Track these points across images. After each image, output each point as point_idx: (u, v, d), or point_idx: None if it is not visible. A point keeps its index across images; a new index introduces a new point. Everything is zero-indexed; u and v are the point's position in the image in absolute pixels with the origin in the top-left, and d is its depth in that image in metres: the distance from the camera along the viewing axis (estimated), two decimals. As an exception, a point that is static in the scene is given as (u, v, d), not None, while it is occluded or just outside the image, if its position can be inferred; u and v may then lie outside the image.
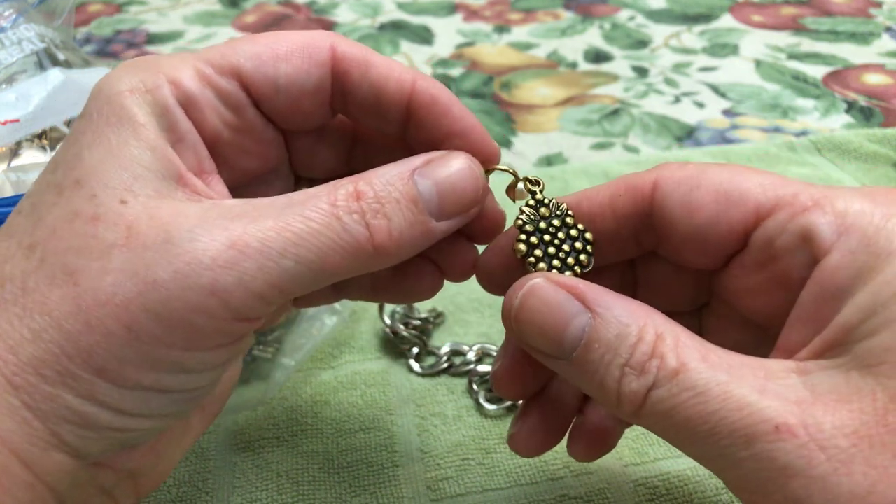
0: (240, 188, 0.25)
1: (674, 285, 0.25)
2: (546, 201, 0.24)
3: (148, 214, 0.19)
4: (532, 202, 0.24)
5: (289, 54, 0.22)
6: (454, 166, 0.22)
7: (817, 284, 0.19)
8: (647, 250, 0.24)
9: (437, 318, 0.40)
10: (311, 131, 0.25)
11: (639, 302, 0.20)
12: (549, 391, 0.27)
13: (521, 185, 0.25)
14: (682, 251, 0.23)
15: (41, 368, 0.18)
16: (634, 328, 0.19)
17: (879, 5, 0.80)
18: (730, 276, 0.23)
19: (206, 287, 0.18)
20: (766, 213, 0.20)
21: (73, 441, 0.18)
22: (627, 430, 0.33)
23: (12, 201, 0.30)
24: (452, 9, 0.84)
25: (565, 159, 0.56)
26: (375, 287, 0.27)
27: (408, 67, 0.23)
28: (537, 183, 0.25)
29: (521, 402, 0.31)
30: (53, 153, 0.41)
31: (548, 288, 0.20)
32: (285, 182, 0.27)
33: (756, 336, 0.23)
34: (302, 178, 0.27)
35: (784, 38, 0.73)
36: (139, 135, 0.20)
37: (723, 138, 0.57)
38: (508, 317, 0.21)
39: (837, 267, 0.19)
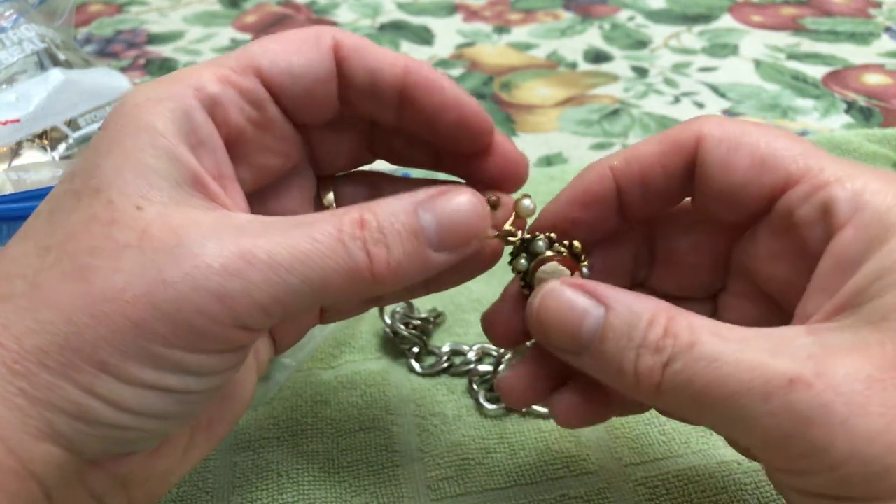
0: (262, 188, 0.25)
1: (692, 263, 0.26)
2: (528, 235, 0.25)
3: (162, 220, 0.20)
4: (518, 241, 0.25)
5: (298, 47, 0.24)
6: (457, 201, 0.23)
7: (832, 257, 0.20)
8: (682, 200, 0.25)
9: (437, 318, 0.40)
10: (328, 126, 0.26)
11: (649, 296, 0.21)
12: None
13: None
14: (713, 205, 0.24)
15: (44, 358, 0.18)
16: (645, 314, 0.20)
17: (879, 5, 0.80)
18: (753, 241, 0.24)
19: (213, 291, 0.19)
20: (792, 183, 0.22)
21: (68, 432, 0.19)
22: (627, 430, 0.33)
23: (13, 199, 0.31)
24: (452, 9, 0.84)
25: (565, 159, 0.56)
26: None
27: (400, 54, 0.25)
28: (513, 234, 0.25)
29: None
30: (54, 153, 0.41)
31: (562, 289, 0.22)
32: (307, 181, 0.28)
33: (772, 314, 0.24)
34: (324, 178, 0.28)
35: (784, 39, 0.73)
36: (156, 142, 0.21)
37: (723, 138, 0.57)
38: (531, 319, 0.23)
39: (851, 240, 0.20)
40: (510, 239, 0.25)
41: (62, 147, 0.42)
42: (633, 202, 0.25)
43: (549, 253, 0.24)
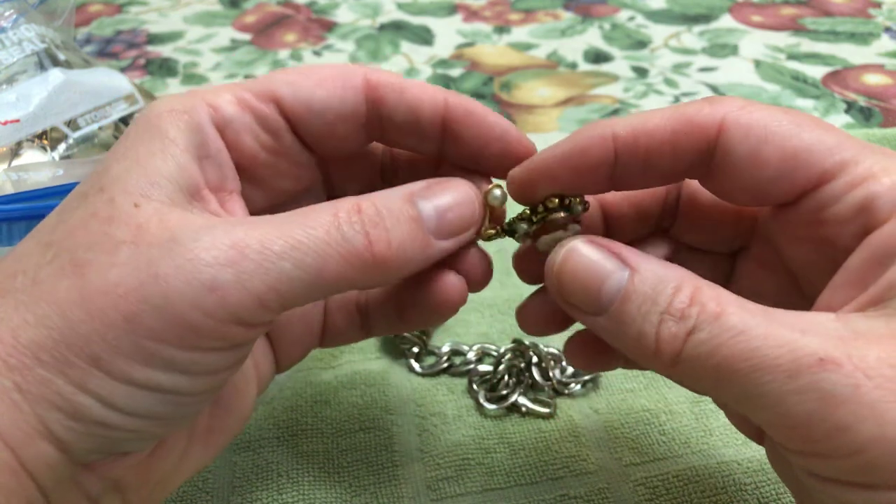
0: (274, 208, 0.25)
1: (715, 220, 0.26)
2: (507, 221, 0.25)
3: (158, 217, 0.20)
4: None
5: (323, 80, 0.24)
6: (453, 190, 0.23)
7: (868, 250, 0.20)
8: (682, 180, 0.24)
9: (437, 318, 0.40)
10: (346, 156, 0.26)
11: (675, 265, 0.21)
12: None
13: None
14: (735, 195, 0.23)
15: (38, 352, 0.18)
16: (672, 281, 0.20)
17: (879, 5, 0.80)
18: (777, 221, 0.23)
19: (205, 283, 0.19)
20: (828, 178, 0.21)
21: (60, 431, 0.19)
22: (627, 430, 0.33)
23: (12, 199, 0.31)
24: (452, 9, 0.84)
25: (565, 159, 0.56)
26: (401, 311, 0.27)
27: (438, 87, 0.24)
28: (493, 229, 0.25)
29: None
30: (54, 153, 0.41)
31: (587, 247, 0.21)
32: (318, 202, 0.27)
33: (790, 287, 0.24)
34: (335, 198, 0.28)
35: (783, 39, 0.73)
36: (166, 148, 0.21)
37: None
38: (550, 275, 0.22)
39: (891, 234, 0.19)
40: (490, 232, 0.25)
41: (62, 147, 0.42)
42: (629, 175, 0.23)
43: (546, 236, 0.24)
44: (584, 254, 0.21)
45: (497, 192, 0.25)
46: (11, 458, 0.18)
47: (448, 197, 0.23)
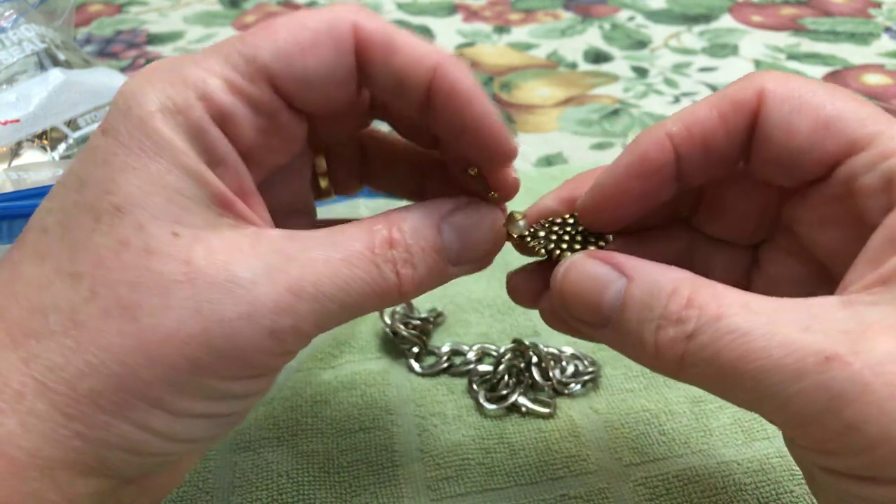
0: (265, 183, 0.24)
1: (738, 212, 0.25)
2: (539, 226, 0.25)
3: (204, 249, 0.19)
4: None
5: (314, 43, 0.21)
6: (478, 219, 0.23)
7: (888, 228, 0.19)
8: (738, 163, 0.24)
9: (437, 318, 0.40)
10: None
11: (675, 267, 0.21)
12: None
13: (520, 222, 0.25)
14: (770, 167, 0.22)
15: (98, 399, 0.18)
16: (667, 285, 0.20)
17: (879, 5, 0.80)
18: (805, 205, 0.23)
19: (266, 328, 0.19)
20: (857, 149, 0.20)
21: (118, 465, 0.19)
22: (627, 430, 0.33)
23: (12, 197, 0.31)
24: (452, 9, 0.84)
25: (565, 159, 0.56)
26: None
27: (435, 48, 0.22)
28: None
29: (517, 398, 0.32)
30: (54, 153, 0.41)
31: (585, 261, 0.22)
32: (304, 160, 0.27)
33: (816, 273, 0.23)
34: (319, 147, 0.28)
35: (783, 39, 0.73)
36: (179, 161, 0.19)
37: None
38: (554, 295, 0.22)
39: None
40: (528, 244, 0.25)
41: (62, 147, 0.42)
42: (693, 169, 0.23)
43: (577, 248, 0.24)
44: (582, 266, 0.22)
45: (521, 223, 0.25)
46: (59, 497, 0.18)
47: (472, 225, 0.23)
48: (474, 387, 0.35)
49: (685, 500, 0.30)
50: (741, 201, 0.25)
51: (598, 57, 0.72)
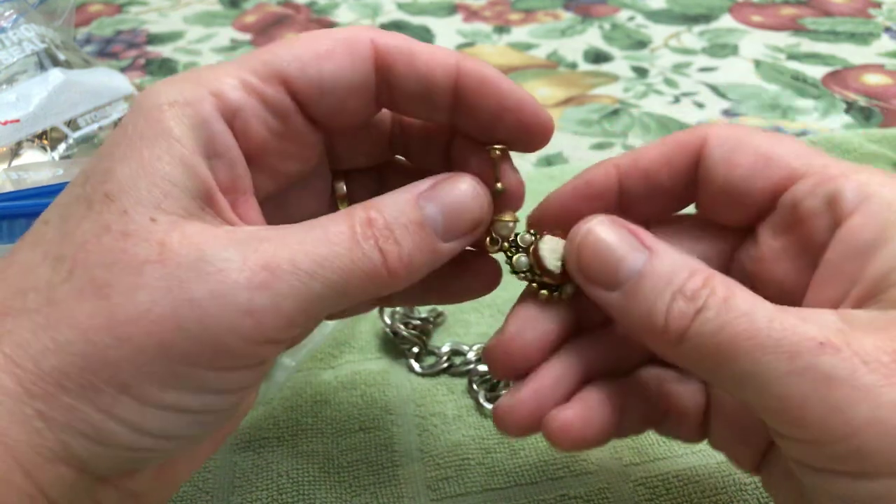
0: (280, 192, 0.25)
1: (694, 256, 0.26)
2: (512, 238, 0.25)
3: (179, 232, 0.19)
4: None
5: (330, 52, 0.22)
6: (458, 189, 0.23)
7: (842, 243, 0.21)
8: (686, 205, 0.25)
9: (437, 318, 0.40)
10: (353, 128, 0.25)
11: (692, 257, 0.21)
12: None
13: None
14: (717, 204, 0.24)
15: (63, 380, 0.18)
16: (689, 265, 0.20)
17: (879, 5, 0.80)
18: (757, 243, 0.24)
19: (241, 307, 0.18)
20: (796, 178, 0.22)
21: (83, 455, 0.18)
22: (627, 430, 0.33)
23: (12, 197, 0.31)
24: (452, 9, 0.84)
25: (565, 159, 0.56)
26: (426, 289, 0.26)
27: (450, 50, 0.23)
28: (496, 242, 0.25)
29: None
30: (54, 153, 0.41)
31: (612, 225, 0.22)
32: (323, 181, 0.27)
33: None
34: (339, 172, 0.28)
35: (783, 39, 0.73)
36: (172, 150, 0.20)
37: (722, 138, 0.57)
38: (572, 249, 0.23)
39: (862, 226, 0.20)
40: (495, 247, 0.25)
41: (62, 147, 0.42)
42: (637, 200, 0.25)
43: (547, 236, 0.24)
44: (608, 229, 0.22)
45: (510, 224, 0.24)
46: (29, 484, 0.18)
47: (454, 197, 0.23)
48: (474, 387, 0.35)
49: (685, 500, 0.30)
50: (696, 246, 0.26)
51: (598, 57, 0.72)
